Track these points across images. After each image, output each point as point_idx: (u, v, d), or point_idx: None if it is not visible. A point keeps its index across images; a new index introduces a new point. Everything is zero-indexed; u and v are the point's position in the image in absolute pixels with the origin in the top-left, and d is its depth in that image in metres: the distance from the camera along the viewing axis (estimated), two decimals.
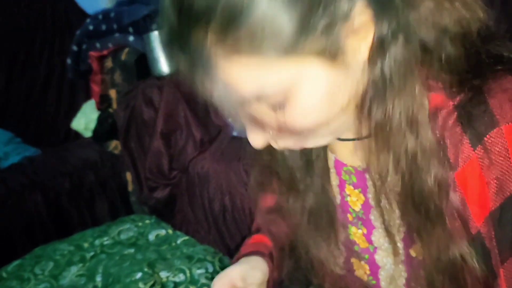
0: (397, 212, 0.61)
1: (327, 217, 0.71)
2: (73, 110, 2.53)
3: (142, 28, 2.11)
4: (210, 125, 1.87)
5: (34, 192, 2.01)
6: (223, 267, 1.37)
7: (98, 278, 1.44)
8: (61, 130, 2.57)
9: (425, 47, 0.53)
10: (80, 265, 1.52)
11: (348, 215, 0.71)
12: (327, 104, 0.51)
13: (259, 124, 0.53)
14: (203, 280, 1.33)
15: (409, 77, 0.52)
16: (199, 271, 1.36)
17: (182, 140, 1.83)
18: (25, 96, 2.55)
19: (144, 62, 2.05)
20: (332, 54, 0.49)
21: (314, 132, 0.54)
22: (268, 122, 0.52)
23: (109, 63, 2.20)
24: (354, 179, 0.68)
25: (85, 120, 2.48)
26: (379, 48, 0.50)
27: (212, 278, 1.34)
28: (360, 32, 0.49)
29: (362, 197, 0.68)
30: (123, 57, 2.14)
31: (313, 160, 0.70)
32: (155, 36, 1.92)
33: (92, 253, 1.57)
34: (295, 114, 0.51)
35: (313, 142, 0.58)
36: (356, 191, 0.69)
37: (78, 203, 2.10)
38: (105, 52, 2.21)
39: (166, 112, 1.83)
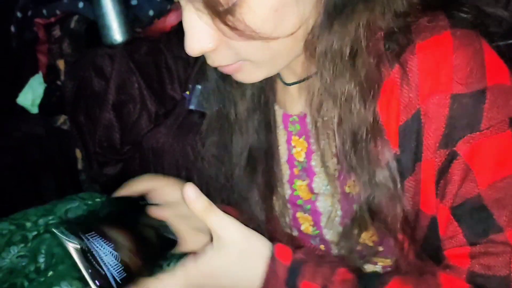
0: (334, 150, 0.62)
1: (266, 163, 0.73)
2: (19, 82, 2.35)
3: None
4: (165, 97, 1.76)
5: None
6: None
7: (41, 259, 1.34)
8: (5, 105, 2.39)
9: None
10: (21, 245, 1.41)
11: (294, 169, 0.73)
12: (274, 18, 0.52)
13: (203, 23, 0.53)
14: None
15: (357, 11, 0.54)
16: None
17: (136, 112, 1.72)
18: None
19: (94, 30, 1.93)
20: None
21: (255, 45, 0.54)
22: (212, 24, 0.52)
23: (57, 32, 2.06)
24: (298, 127, 0.70)
25: (32, 95, 2.32)
26: None
27: None
28: None
29: (305, 144, 0.70)
30: (72, 25, 2.01)
31: (257, 108, 0.72)
32: (107, 1, 1.79)
33: (34, 233, 1.46)
34: (242, 15, 0.51)
35: (249, 67, 0.58)
36: (301, 139, 0.70)
37: (21, 180, 1.95)
38: (52, 20, 2.07)
39: (118, 83, 1.71)
